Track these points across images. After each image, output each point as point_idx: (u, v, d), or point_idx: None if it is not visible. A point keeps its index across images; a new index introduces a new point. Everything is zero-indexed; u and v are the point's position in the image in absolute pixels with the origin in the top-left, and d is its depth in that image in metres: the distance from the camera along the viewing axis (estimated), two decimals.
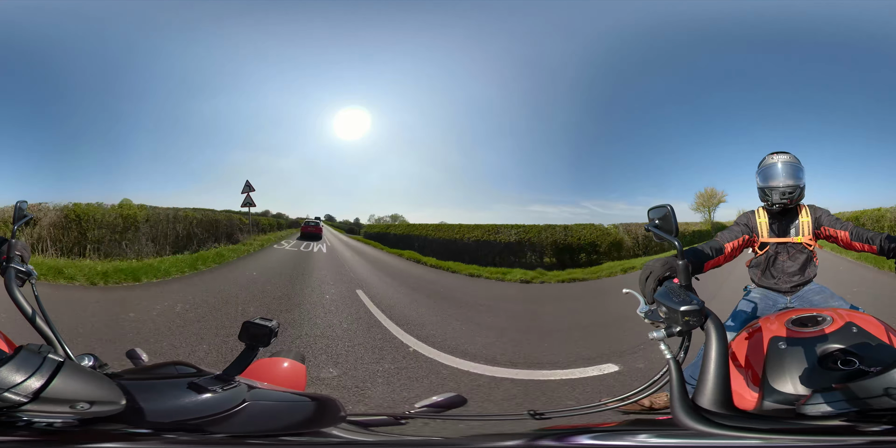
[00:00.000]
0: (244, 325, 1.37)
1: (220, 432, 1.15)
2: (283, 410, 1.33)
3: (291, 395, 1.48)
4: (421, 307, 7.82)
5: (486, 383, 4.58)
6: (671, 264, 1.55)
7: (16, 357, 0.98)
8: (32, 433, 0.99)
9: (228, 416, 1.19)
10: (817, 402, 1.16)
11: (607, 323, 6.03)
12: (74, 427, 1.02)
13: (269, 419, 1.26)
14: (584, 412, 1.63)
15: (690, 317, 1.34)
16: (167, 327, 5.75)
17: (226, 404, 1.21)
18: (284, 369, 1.98)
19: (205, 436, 1.14)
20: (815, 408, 1.16)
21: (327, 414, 1.36)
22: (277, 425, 1.25)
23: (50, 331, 1.49)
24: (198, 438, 1.13)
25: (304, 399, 1.42)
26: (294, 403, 1.39)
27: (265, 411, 1.28)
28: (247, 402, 1.24)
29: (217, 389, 1.22)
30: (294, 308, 7.09)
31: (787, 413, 1.28)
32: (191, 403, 1.18)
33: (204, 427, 1.14)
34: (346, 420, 1.33)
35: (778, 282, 2.59)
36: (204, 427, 1.14)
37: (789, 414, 1.24)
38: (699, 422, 1.17)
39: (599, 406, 1.62)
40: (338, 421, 1.32)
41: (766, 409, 1.36)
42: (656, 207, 1.51)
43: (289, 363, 2.02)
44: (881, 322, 1.63)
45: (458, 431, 1.60)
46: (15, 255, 1.68)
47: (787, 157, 2.61)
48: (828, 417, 1.13)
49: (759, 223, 2.61)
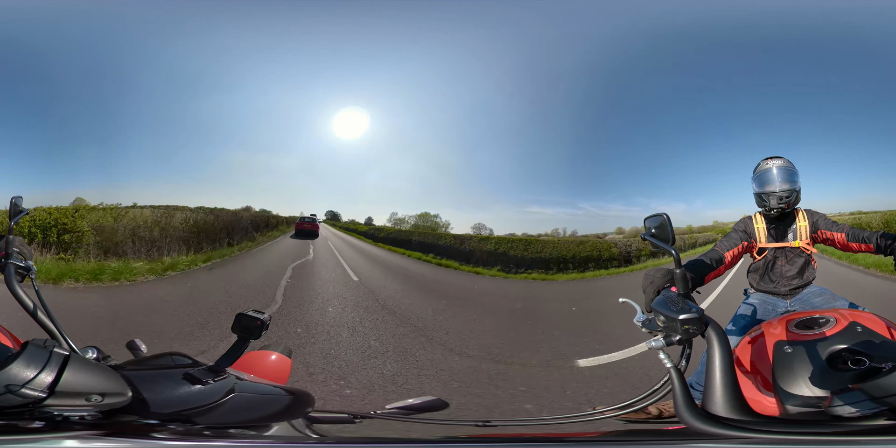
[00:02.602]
0: (237, 316, 1.41)
1: (207, 423, 1.19)
2: (261, 403, 1.37)
3: (271, 388, 1.51)
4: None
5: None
6: (672, 273, 1.54)
7: (24, 353, 1.00)
8: (84, 427, 1.02)
9: (216, 407, 1.23)
10: (841, 404, 1.16)
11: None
12: (101, 419, 1.04)
13: (246, 411, 1.30)
14: (565, 421, 1.63)
15: (690, 325, 1.34)
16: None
17: (215, 395, 1.25)
18: (271, 362, 2.03)
19: (194, 426, 1.17)
20: (843, 409, 1.16)
21: (295, 409, 1.39)
22: (251, 417, 1.29)
23: (52, 325, 1.50)
24: (190, 429, 1.16)
25: (281, 393, 1.45)
26: (271, 396, 1.43)
27: (246, 403, 1.31)
28: (233, 394, 1.28)
29: (209, 381, 1.26)
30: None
31: (819, 416, 1.27)
32: (186, 394, 1.21)
33: (194, 418, 1.18)
34: (305, 416, 1.38)
35: (777, 286, 2.61)
36: (194, 418, 1.18)
37: (822, 416, 1.24)
38: (717, 427, 1.18)
39: (593, 414, 1.62)
40: (298, 416, 1.37)
41: (792, 413, 1.35)
42: (652, 216, 1.51)
43: (276, 356, 2.07)
44: (882, 319, 1.65)
45: (397, 432, 1.64)
46: (13, 252, 1.68)
47: (782, 161, 2.65)
48: (864, 418, 1.14)
49: (757, 228, 2.65)
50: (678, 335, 1.36)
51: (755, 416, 1.23)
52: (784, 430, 1.17)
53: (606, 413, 1.59)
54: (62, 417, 1.01)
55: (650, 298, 1.57)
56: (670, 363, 1.34)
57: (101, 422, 1.04)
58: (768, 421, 1.22)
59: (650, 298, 1.57)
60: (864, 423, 1.14)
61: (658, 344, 1.37)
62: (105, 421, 1.04)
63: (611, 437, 1.49)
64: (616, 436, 1.52)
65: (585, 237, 11.51)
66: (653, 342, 1.38)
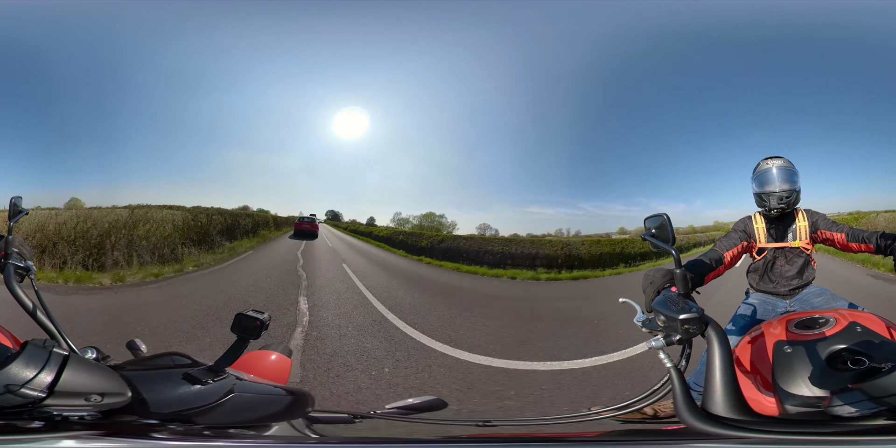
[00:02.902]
0: (237, 316, 1.41)
1: (207, 423, 1.20)
2: (261, 403, 1.37)
3: (271, 388, 1.51)
4: None
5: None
6: (672, 273, 1.55)
7: (23, 353, 1.00)
8: (83, 427, 1.02)
9: (215, 407, 1.23)
10: (841, 404, 1.17)
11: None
12: (101, 420, 1.04)
13: (246, 411, 1.30)
14: (564, 422, 1.63)
15: (690, 325, 1.34)
16: None
17: (214, 395, 1.25)
18: (271, 362, 2.04)
19: (193, 426, 1.17)
20: (842, 409, 1.17)
21: (295, 409, 1.40)
22: (251, 417, 1.29)
23: (52, 325, 1.50)
24: (190, 429, 1.16)
25: (280, 393, 1.46)
26: (271, 396, 1.44)
27: (246, 403, 1.32)
28: (233, 394, 1.28)
29: (208, 381, 1.26)
30: None
31: (818, 416, 1.27)
32: (185, 394, 1.21)
33: (194, 418, 1.18)
34: (305, 416, 1.38)
35: (776, 286, 2.61)
36: (194, 418, 1.18)
37: (822, 416, 1.24)
38: (717, 427, 1.18)
39: (590, 415, 1.62)
40: (297, 416, 1.37)
41: (791, 413, 1.35)
42: (652, 216, 1.52)
43: (276, 356, 2.08)
44: (881, 318, 1.65)
45: (397, 432, 1.64)
46: (13, 252, 1.69)
47: (782, 161, 2.64)
48: (864, 418, 1.14)
49: (757, 228, 2.64)
50: (678, 335, 1.36)
51: (755, 416, 1.23)
52: (784, 429, 1.17)
53: (603, 413, 1.59)
54: (62, 417, 1.01)
55: (650, 298, 1.58)
56: (670, 363, 1.35)
57: (101, 422, 1.04)
58: (768, 421, 1.23)
59: (650, 298, 1.58)
60: (863, 423, 1.14)
61: (658, 344, 1.37)
62: (104, 421, 1.04)
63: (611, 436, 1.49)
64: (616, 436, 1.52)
65: (598, 237, 11.50)
66: (653, 342, 1.38)
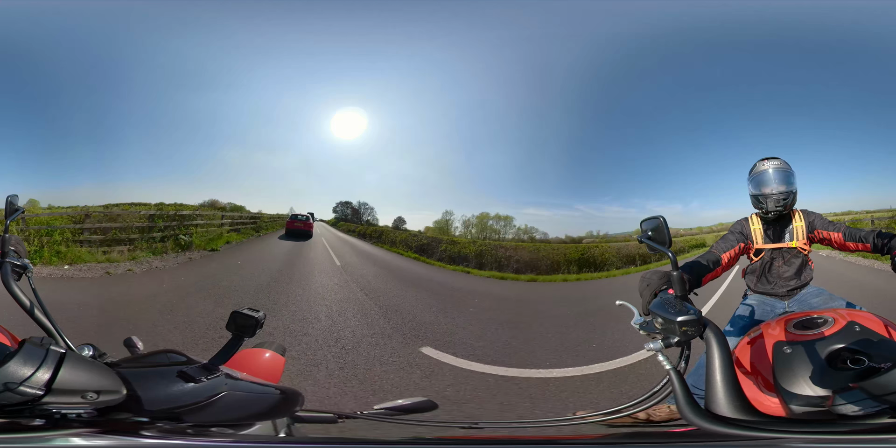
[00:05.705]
0: (232, 314, 1.43)
1: (195, 421, 1.20)
2: (250, 401, 1.37)
3: (262, 386, 1.51)
4: None
5: None
6: (669, 276, 1.54)
7: (21, 351, 1.00)
8: (80, 425, 1.02)
9: (206, 406, 1.24)
10: (844, 403, 1.17)
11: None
12: (97, 417, 1.05)
13: (235, 410, 1.30)
14: (551, 425, 1.61)
15: (688, 326, 1.34)
16: None
17: (206, 393, 1.26)
18: (265, 360, 2.05)
19: (179, 424, 1.18)
20: (846, 408, 1.16)
21: (282, 408, 1.41)
22: (239, 415, 1.30)
23: (49, 323, 1.50)
24: (175, 427, 1.17)
25: (271, 391, 1.46)
26: (261, 395, 1.44)
27: (235, 402, 1.32)
28: (224, 392, 1.29)
29: (202, 379, 1.27)
30: None
31: (825, 415, 1.27)
32: (178, 392, 1.22)
33: (184, 416, 1.18)
34: (291, 415, 1.40)
35: (774, 287, 2.61)
36: (184, 416, 1.18)
37: (828, 416, 1.24)
38: (729, 427, 1.17)
39: (576, 419, 1.60)
40: (284, 415, 1.38)
41: (797, 412, 1.34)
42: (649, 219, 1.50)
43: (270, 354, 2.09)
44: (879, 318, 1.65)
45: (381, 434, 1.63)
46: (10, 250, 1.70)
47: (778, 162, 2.63)
48: (869, 416, 1.14)
49: (754, 230, 2.64)
50: (676, 337, 1.36)
51: (762, 416, 1.23)
52: (796, 429, 1.17)
53: (589, 418, 1.57)
54: (60, 415, 1.01)
55: (647, 301, 1.57)
56: (669, 365, 1.34)
57: (97, 419, 1.04)
58: (778, 421, 1.22)
59: (647, 301, 1.57)
60: (869, 421, 1.14)
61: (656, 346, 1.36)
62: (100, 418, 1.04)
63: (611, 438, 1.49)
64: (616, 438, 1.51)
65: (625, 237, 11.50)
66: (651, 344, 1.37)
